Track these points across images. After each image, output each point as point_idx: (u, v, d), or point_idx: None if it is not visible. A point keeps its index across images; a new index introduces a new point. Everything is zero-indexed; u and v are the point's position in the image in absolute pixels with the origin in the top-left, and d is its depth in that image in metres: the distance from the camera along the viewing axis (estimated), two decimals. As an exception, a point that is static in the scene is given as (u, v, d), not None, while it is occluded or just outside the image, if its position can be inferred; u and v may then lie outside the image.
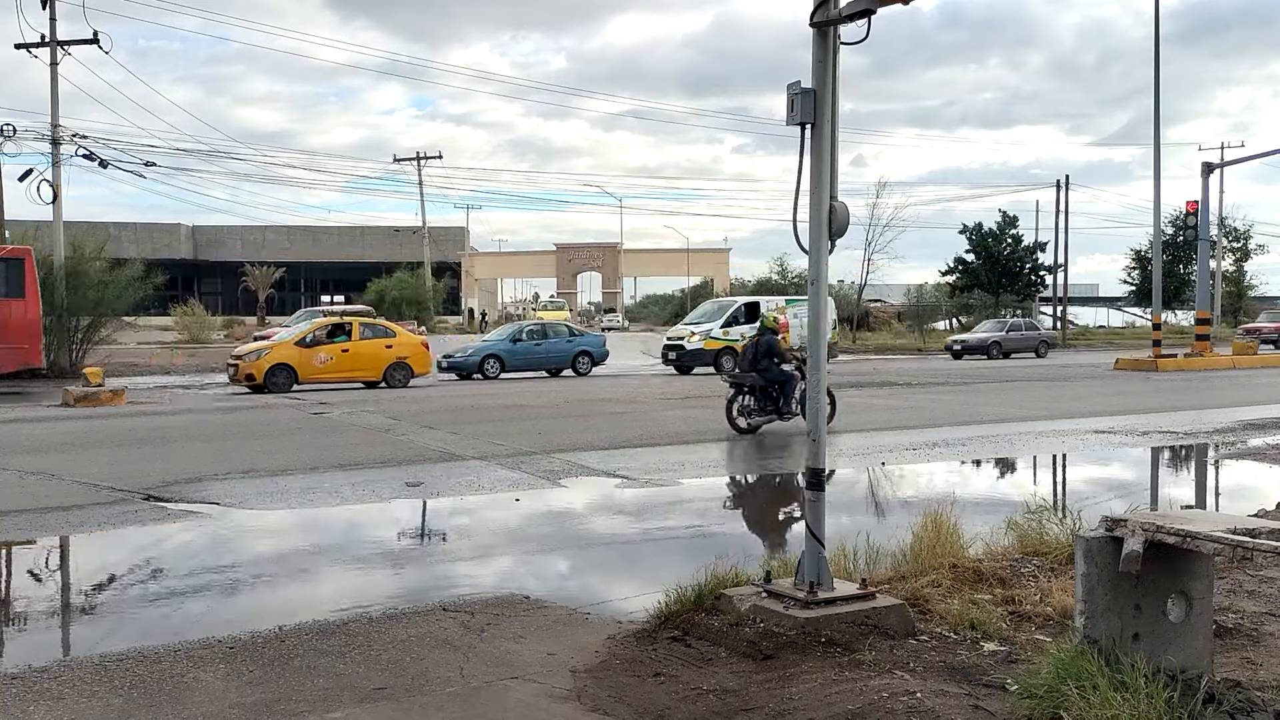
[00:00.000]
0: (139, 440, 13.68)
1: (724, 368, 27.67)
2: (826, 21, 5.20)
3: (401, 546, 7.96)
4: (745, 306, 29.73)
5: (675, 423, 15.41)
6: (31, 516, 8.72)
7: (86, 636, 5.79)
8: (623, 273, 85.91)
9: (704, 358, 28.74)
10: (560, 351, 28.72)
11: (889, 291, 67.98)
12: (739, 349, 27.68)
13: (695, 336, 29.15)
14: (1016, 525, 6.98)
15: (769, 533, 8.70)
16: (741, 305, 30.09)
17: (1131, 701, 3.61)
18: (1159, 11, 44.38)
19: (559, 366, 28.49)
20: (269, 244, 78.46)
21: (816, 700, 4.22)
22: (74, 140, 29.35)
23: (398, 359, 23.67)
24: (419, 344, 24.73)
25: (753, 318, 28.13)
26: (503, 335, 29.62)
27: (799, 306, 29.07)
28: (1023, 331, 39.24)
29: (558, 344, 29.03)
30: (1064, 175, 62.21)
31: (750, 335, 28.18)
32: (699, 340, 28.99)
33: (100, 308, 27.93)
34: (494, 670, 4.81)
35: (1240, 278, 64.21)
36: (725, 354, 28.59)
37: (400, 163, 61.32)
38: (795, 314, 28.42)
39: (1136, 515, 4.21)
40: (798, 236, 5.41)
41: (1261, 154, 44.94)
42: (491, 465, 11.33)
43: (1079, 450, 13.07)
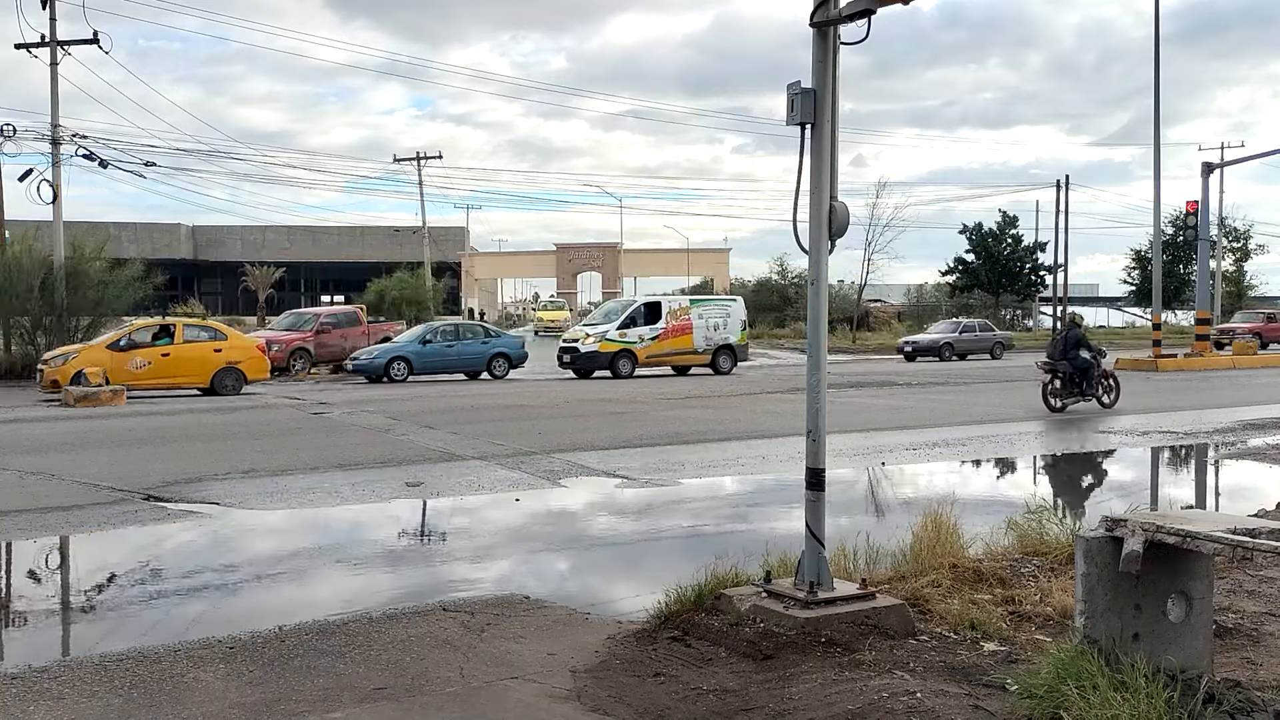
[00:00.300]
0: (139, 440, 13.68)
1: (620, 371, 26.55)
2: (826, 21, 5.20)
3: (401, 546, 7.97)
4: (646, 306, 28.31)
5: (675, 423, 15.41)
6: (31, 516, 8.72)
7: (86, 636, 5.79)
8: (623, 273, 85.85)
9: (599, 361, 26.89)
10: (474, 354, 27.31)
11: (889, 291, 67.95)
12: (638, 352, 27.14)
13: (590, 339, 27.27)
14: (1016, 525, 6.98)
15: (769, 533, 8.70)
16: (641, 305, 28.47)
17: (1131, 701, 3.61)
18: (1159, 11, 44.38)
19: (473, 369, 27.13)
20: (269, 244, 78.44)
21: (816, 700, 4.22)
22: (74, 140, 29.34)
23: (228, 363, 21.80)
24: (253, 347, 23.02)
25: (655, 318, 27.54)
26: (413, 336, 28.05)
27: (703, 307, 28.81)
28: (976, 333, 38.12)
29: (472, 345, 27.55)
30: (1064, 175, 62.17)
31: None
32: (594, 343, 27.09)
33: (100, 308, 27.94)
34: (494, 670, 4.81)
35: (1240, 278, 64.15)
36: (622, 357, 26.97)
37: (400, 163, 61.23)
38: (700, 314, 28.01)
39: (1136, 515, 4.21)
40: (798, 236, 5.41)
41: (1261, 154, 44.88)
42: (491, 465, 11.33)
43: (1079, 450, 13.07)
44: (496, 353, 27.49)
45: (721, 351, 28.17)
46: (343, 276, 77.47)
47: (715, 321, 28.22)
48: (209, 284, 78.24)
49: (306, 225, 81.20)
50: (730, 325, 28.48)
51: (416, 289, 57.73)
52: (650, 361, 27.47)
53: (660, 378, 26.98)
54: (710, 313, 28.54)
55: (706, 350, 27.93)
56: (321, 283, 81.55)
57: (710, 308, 29.13)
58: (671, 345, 27.68)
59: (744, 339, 29.12)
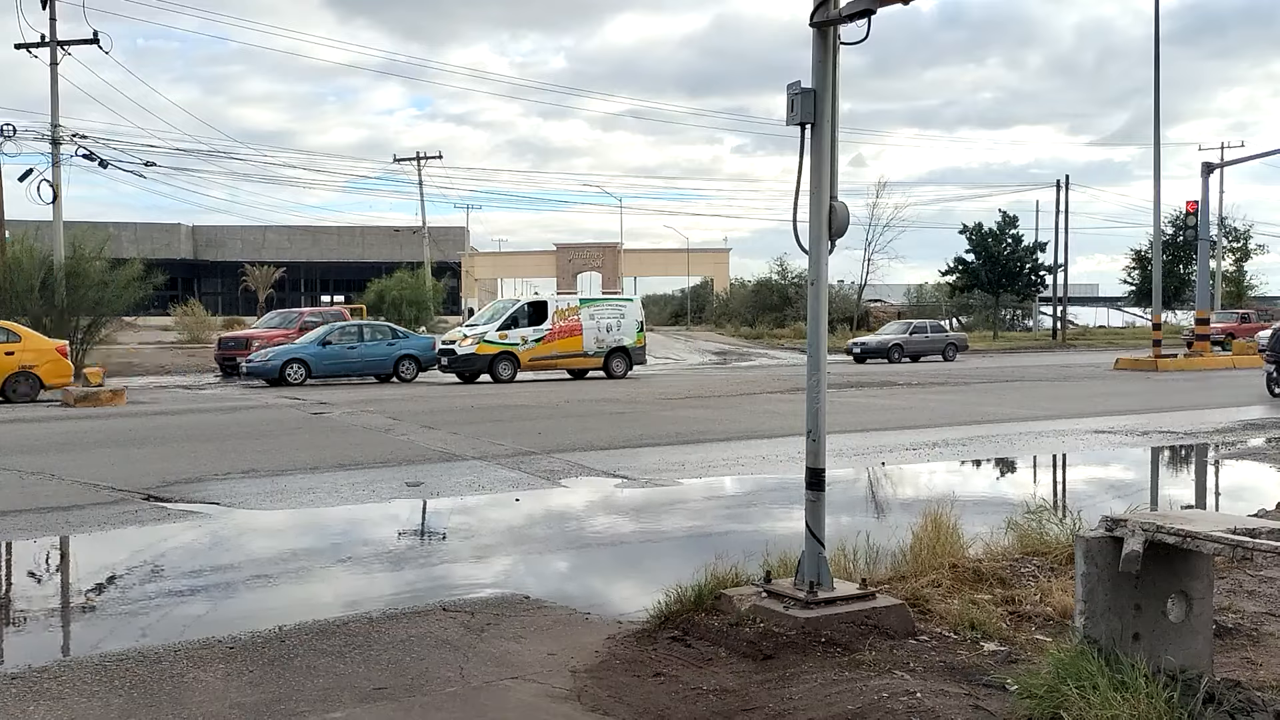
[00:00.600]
0: (139, 440, 13.68)
1: (501, 375, 25.12)
2: (826, 21, 5.20)
3: (401, 546, 7.97)
4: (530, 306, 26.95)
5: (675, 423, 15.41)
6: (31, 516, 8.72)
7: (86, 636, 5.79)
8: (623, 273, 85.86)
9: (476, 364, 25.29)
10: (379, 355, 25.94)
11: (889, 291, 68.02)
12: (521, 355, 25.54)
13: (468, 340, 25.62)
14: (1016, 525, 6.98)
15: (769, 533, 8.69)
16: (525, 305, 27.07)
17: (1131, 701, 3.61)
18: (1159, 11, 44.42)
19: (379, 372, 25.81)
20: (269, 244, 78.44)
21: (816, 700, 4.22)
22: (74, 140, 29.36)
23: (21, 367, 19.67)
24: (52, 349, 20.57)
25: (540, 318, 26.16)
26: (313, 337, 26.50)
27: (594, 307, 27.50)
28: (928, 334, 37.02)
29: (377, 347, 26.15)
30: (1064, 175, 62.24)
31: None
32: (471, 344, 25.46)
33: (100, 308, 27.95)
34: (494, 670, 4.82)
35: (1240, 278, 64.15)
36: (502, 360, 25.38)
37: (400, 163, 61.25)
38: (591, 315, 26.84)
39: (1136, 515, 4.21)
40: (798, 236, 5.41)
41: (1261, 154, 44.91)
42: (491, 465, 11.33)
43: (1079, 450, 13.08)
44: (404, 355, 26.13)
45: (615, 354, 26.97)
46: (343, 276, 77.51)
47: (608, 323, 27.01)
48: (209, 284, 78.27)
49: (306, 225, 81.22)
50: (625, 326, 27.25)
51: (416, 289, 57.73)
52: (536, 365, 26.17)
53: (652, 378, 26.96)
54: (603, 313, 27.29)
55: (599, 353, 26.79)
56: (321, 283, 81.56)
57: (603, 308, 27.82)
58: (559, 347, 26.33)
59: (641, 341, 27.71)
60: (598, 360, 26.79)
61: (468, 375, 25.48)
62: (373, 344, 26.25)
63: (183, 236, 76.75)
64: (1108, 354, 37.47)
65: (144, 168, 33.09)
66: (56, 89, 28.91)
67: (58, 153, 28.54)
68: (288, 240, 79.77)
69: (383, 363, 25.96)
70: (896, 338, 36.03)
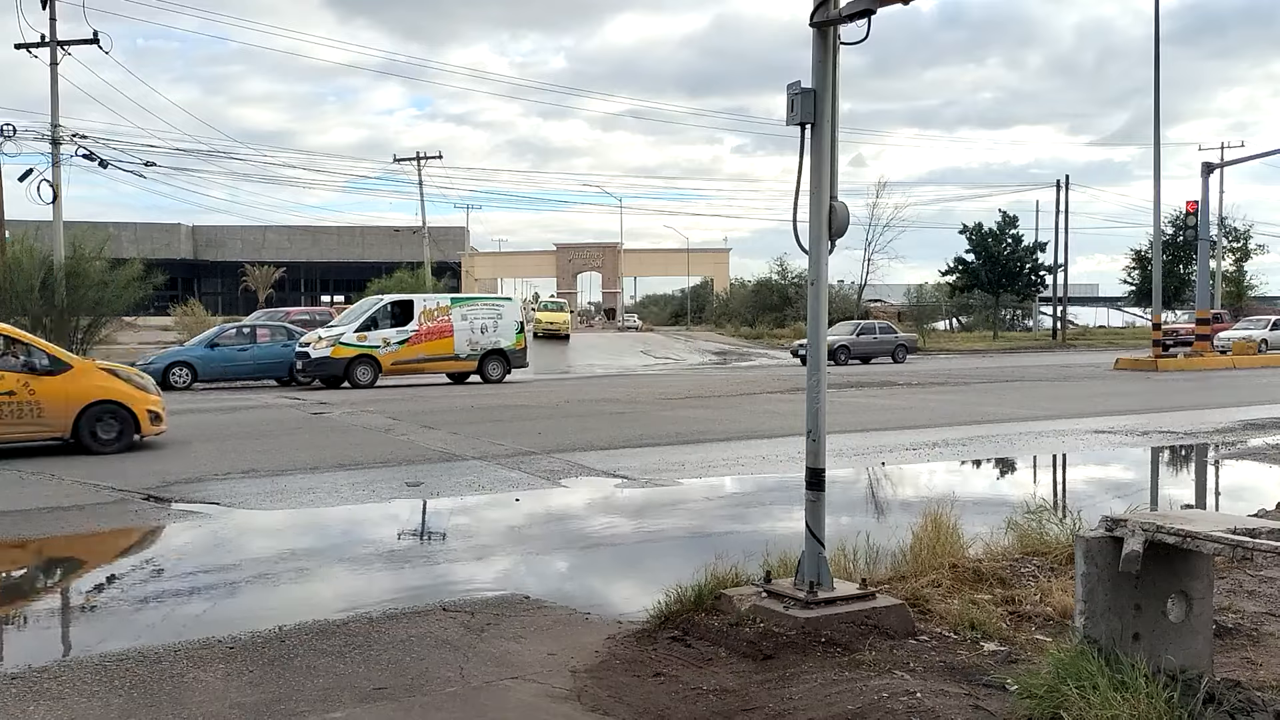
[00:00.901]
0: (139, 440, 13.66)
1: (359, 380, 23.15)
2: (826, 21, 5.20)
3: (401, 546, 7.96)
4: (396, 305, 25.00)
5: (675, 423, 15.41)
6: (32, 516, 8.72)
7: (86, 636, 5.79)
8: (623, 273, 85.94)
9: (332, 367, 23.20)
10: (274, 357, 24.50)
11: (889, 291, 68.00)
12: (382, 358, 23.53)
13: (323, 342, 23.51)
14: (1016, 525, 6.98)
15: (769, 533, 8.70)
16: (388, 304, 25.10)
17: (1131, 701, 3.61)
18: (1159, 11, 44.41)
19: (275, 374, 24.44)
20: (269, 244, 78.49)
21: (816, 700, 4.22)
22: (74, 140, 29.40)
23: None
24: None
25: (406, 317, 24.45)
26: (202, 338, 25.30)
27: (467, 307, 25.62)
28: (876, 335, 35.96)
29: (271, 348, 24.62)
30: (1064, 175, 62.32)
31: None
32: (326, 347, 23.35)
33: (100, 308, 28.00)
34: (494, 670, 4.82)
35: (1240, 278, 64.17)
36: (361, 364, 23.43)
37: (400, 163, 61.25)
38: (464, 315, 25.06)
39: (1136, 515, 4.21)
40: (798, 236, 5.41)
41: (1261, 154, 44.91)
42: (491, 465, 11.33)
43: (1079, 450, 13.07)
44: None
45: (491, 357, 25.26)
46: (343, 276, 77.57)
47: (483, 323, 25.26)
48: (209, 284, 78.30)
49: (306, 225, 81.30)
50: (502, 328, 25.52)
51: (417, 289, 57.74)
52: (400, 369, 24.34)
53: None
54: (477, 313, 25.46)
55: (472, 355, 25.08)
56: (321, 283, 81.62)
57: (477, 308, 25.88)
58: (427, 350, 24.54)
59: (520, 343, 25.96)
60: (471, 364, 25.13)
61: (327, 380, 23.48)
62: (266, 345, 24.91)
63: (183, 236, 76.79)
64: (1108, 354, 37.47)
65: (144, 168, 33.16)
66: (56, 89, 28.93)
67: (58, 153, 28.57)
68: (288, 240, 79.81)
69: (278, 365, 24.52)
70: (843, 339, 34.70)
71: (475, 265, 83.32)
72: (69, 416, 12.23)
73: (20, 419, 12.02)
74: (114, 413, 12.51)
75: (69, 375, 12.42)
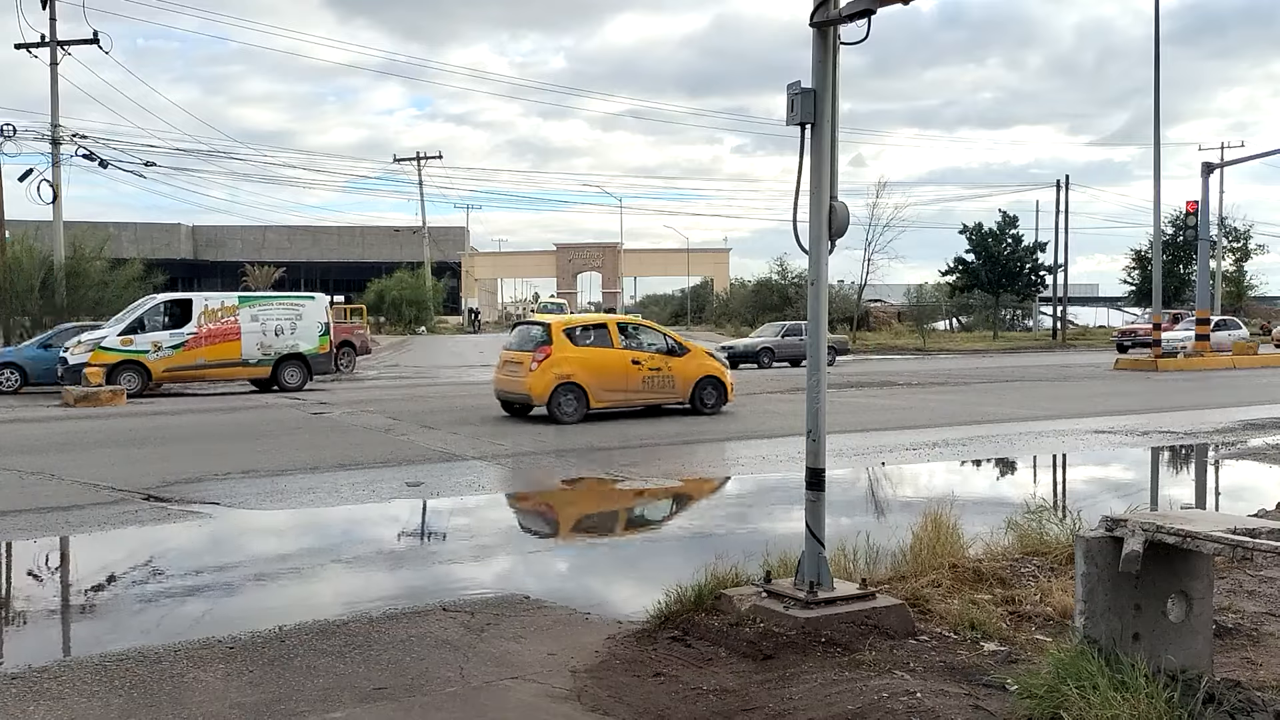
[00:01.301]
0: (139, 440, 13.68)
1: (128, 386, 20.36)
2: (826, 21, 5.20)
3: (401, 546, 7.97)
4: (173, 304, 22.19)
5: (675, 424, 15.41)
6: (31, 516, 8.72)
7: (86, 636, 5.79)
8: (623, 273, 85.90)
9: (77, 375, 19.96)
10: None
11: (889, 291, 67.97)
12: (152, 365, 20.97)
13: (81, 347, 20.80)
14: (1016, 525, 6.98)
15: (769, 533, 8.70)
16: (161, 303, 22.27)
17: (1131, 701, 3.61)
18: (1159, 11, 44.39)
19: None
20: (269, 244, 78.48)
21: (816, 700, 4.22)
22: (74, 140, 29.39)
23: None
24: None
25: (184, 318, 21.69)
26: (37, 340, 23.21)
27: (259, 306, 22.86)
28: (803, 336, 33.88)
29: None
30: (1064, 175, 62.23)
31: None
32: (84, 352, 20.60)
33: (100, 308, 27.99)
34: (494, 670, 4.82)
35: (1240, 278, 64.18)
36: (125, 370, 20.70)
37: (400, 163, 61.42)
38: (255, 315, 22.36)
39: (1136, 515, 4.21)
40: (798, 236, 5.41)
41: (1261, 154, 44.88)
42: (491, 465, 11.33)
43: (1079, 450, 13.07)
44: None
45: (287, 362, 22.45)
46: (343, 276, 77.50)
47: (278, 325, 22.52)
48: (209, 284, 78.12)
49: (306, 225, 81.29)
50: (302, 330, 22.74)
51: (416, 289, 57.82)
52: (175, 376, 21.84)
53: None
54: (271, 314, 22.71)
55: (264, 361, 22.34)
56: (321, 283, 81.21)
57: (271, 307, 23.00)
58: (207, 354, 21.76)
59: (325, 346, 23.18)
60: (264, 370, 22.37)
61: None
62: None
63: (183, 236, 76.82)
64: (1108, 354, 37.45)
65: (144, 168, 33.11)
66: (56, 89, 28.94)
67: (58, 153, 28.57)
68: (288, 240, 79.83)
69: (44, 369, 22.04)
70: (767, 341, 32.85)
71: (475, 265, 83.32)
72: (689, 387, 16.44)
73: (663, 388, 16.27)
74: (715, 384, 16.72)
75: (688, 357, 16.69)
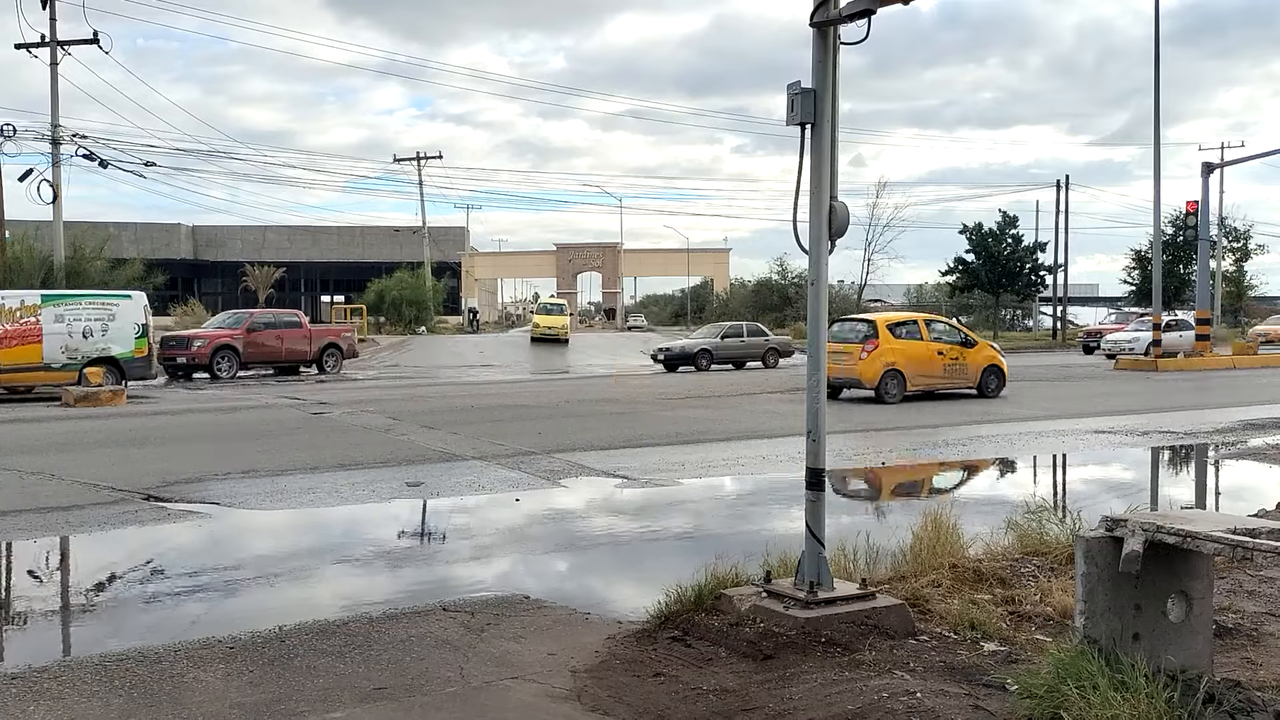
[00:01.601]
0: (139, 440, 13.67)
1: None
2: (826, 21, 5.20)
3: (401, 546, 7.96)
4: None
5: (675, 423, 15.41)
6: (31, 516, 8.72)
7: (86, 636, 5.79)
8: (623, 273, 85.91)
9: None
10: None
11: (889, 291, 68.04)
12: None
13: None
14: (1016, 525, 6.98)
15: (769, 533, 8.70)
16: None
17: (1131, 701, 3.61)
18: (1159, 11, 44.34)
19: None
20: (269, 244, 78.41)
21: (816, 700, 4.22)
22: (74, 140, 29.42)
23: None
24: None
25: None
26: None
27: (64, 306, 21.13)
28: (744, 338, 33.01)
29: None
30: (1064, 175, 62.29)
31: None
32: None
33: (100, 308, 27.96)
34: (494, 670, 4.81)
35: (1240, 278, 64.16)
36: None
37: (400, 163, 61.37)
38: (60, 315, 20.71)
39: (1136, 515, 4.21)
40: (798, 236, 5.41)
41: (1261, 154, 44.94)
42: (491, 465, 11.33)
43: (1079, 450, 13.07)
44: None
45: (97, 366, 20.88)
46: (343, 276, 77.51)
47: (86, 326, 21.02)
48: (209, 284, 78.25)
49: (306, 225, 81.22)
50: (115, 331, 21.42)
51: (417, 289, 57.79)
52: None
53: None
54: (79, 314, 21.09)
55: (70, 365, 20.68)
56: (321, 283, 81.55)
57: (80, 307, 21.27)
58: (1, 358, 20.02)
59: (141, 350, 21.79)
60: (70, 375, 20.51)
61: None
62: None
63: (183, 236, 76.75)
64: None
65: (144, 168, 33.16)
66: (56, 89, 28.94)
67: (58, 153, 28.58)
68: (288, 240, 79.74)
69: None
70: (704, 342, 32.37)
71: (475, 265, 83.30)
72: (976, 375, 19.54)
73: (959, 375, 19.42)
74: (997, 372, 19.74)
75: (976, 349, 19.81)
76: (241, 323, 28.10)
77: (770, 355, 32.71)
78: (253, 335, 27.58)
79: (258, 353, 27.69)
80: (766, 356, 32.56)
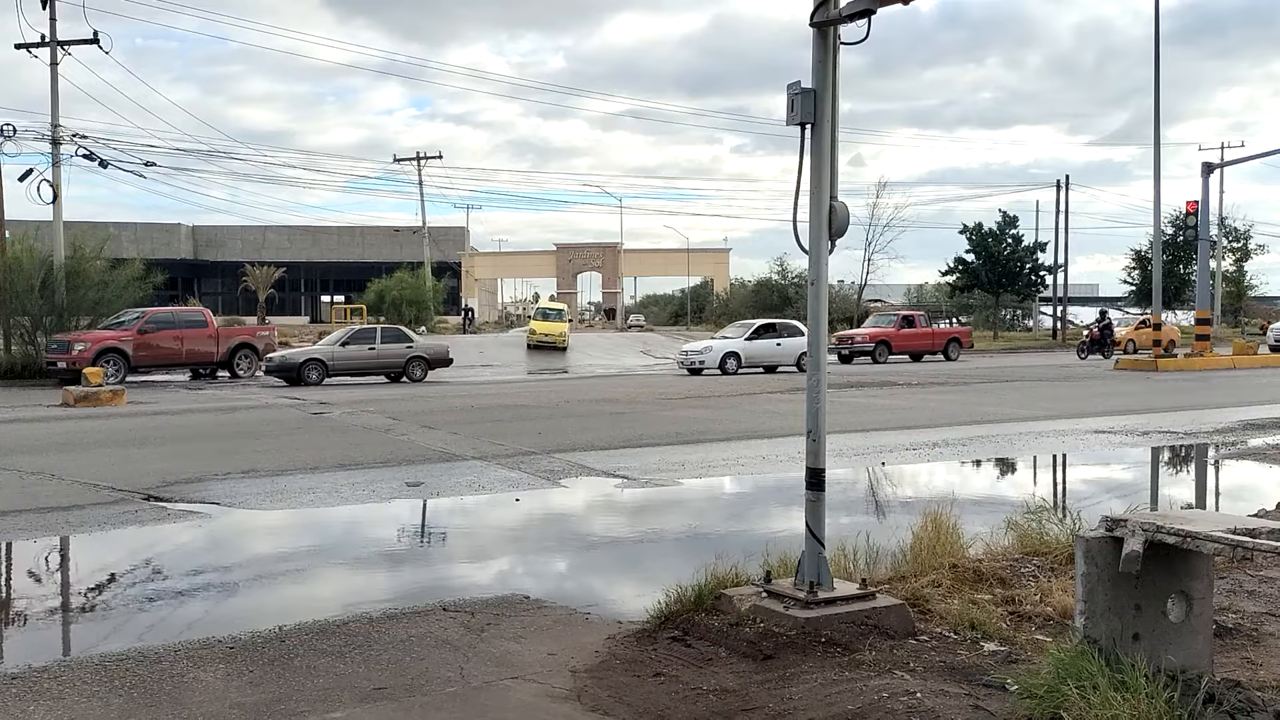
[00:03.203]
0: (139, 440, 13.67)
1: None
2: (826, 21, 5.20)
3: (402, 546, 7.97)
4: None
5: (675, 423, 15.41)
6: (31, 516, 8.72)
7: (86, 636, 5.79)
8: (623, 273, 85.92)
9: None
10: None
11: (889, 291, 68.06)
12: None
13: None
14: (1016, 525, 6.98)
15: (769, 533, 8.70)
16: None
17: (1131, 701, 3.60)
18: (1159, 11, 44.28)
19: None
20: (269, 244, 78.45)
21: (816, 700, 4.22)
22: (74, 140, 29.38)
23: None
24: None
25: None
26: None
27: None
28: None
29: None
30: (1064, 175, 62.28)
31: None
32: None
33: (100, 308, 27.98)
34: (494, 670, 4.81)
35: (1240, 278, 64.23)
36: None
37: (400, 163, 61.33)
38: None
39: (1136, 515, 4.21)
40: (798, 236, 5.40)
41: (1261, 154, 44.98)
42: (491, 465, 11.33)
43: (1079, 450, 13.07)
44: None
45: None
46: (343, 276, 77.55)
47: None
48: (209, 284, 78.33)
49: (306, 225, 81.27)
50: None
51: (416, 289, 57.78)
52: None
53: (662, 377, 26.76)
54: None
55: None
56: (321, 282, 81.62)
57: None
58: None
59: None
60: None
61: None
62: None
63: (183, 236, 76.76)
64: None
65: (144, 168, 33.15)
66: (56, 89, 28.92)
67: (58, 153, 28.56)
68: (288, 240, 79.78)
69: None
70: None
71: (475, 265, 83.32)
72: None
73: None
74: None
75: None
76: (131, 325, 26.22)
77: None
78: (146, 336, 25.89)
79: (152, 355, 26.02)
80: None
